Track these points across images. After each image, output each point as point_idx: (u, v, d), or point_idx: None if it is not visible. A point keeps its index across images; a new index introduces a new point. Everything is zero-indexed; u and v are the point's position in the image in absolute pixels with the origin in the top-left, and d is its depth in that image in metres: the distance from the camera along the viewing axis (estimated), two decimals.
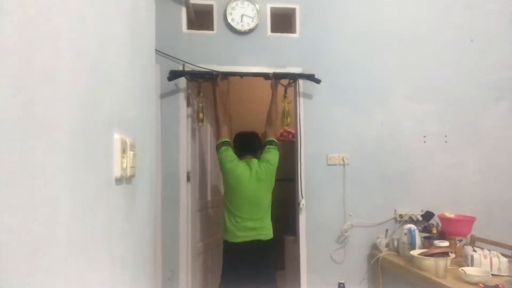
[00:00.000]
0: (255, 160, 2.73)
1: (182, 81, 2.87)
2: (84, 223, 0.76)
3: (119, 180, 1.00)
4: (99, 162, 0.86)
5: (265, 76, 2.92)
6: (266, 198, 2.71)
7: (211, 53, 2.92)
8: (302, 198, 2.94)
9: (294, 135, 3.12)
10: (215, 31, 2.95)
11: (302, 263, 2.95)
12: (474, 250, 2.32)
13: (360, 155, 3.04)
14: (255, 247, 2.62)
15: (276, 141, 2.84)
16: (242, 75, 2.94)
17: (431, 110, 3.14)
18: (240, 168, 2.66)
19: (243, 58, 2.95)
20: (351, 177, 3.02)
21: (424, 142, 3.12)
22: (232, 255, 2.67)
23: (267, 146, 2.78)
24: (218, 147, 2.75)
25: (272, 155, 2.74)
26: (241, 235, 2.62)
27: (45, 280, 0.60)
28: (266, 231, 2.68)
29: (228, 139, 2.78)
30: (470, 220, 2.76)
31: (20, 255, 0.53)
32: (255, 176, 2.66)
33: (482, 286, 1.98)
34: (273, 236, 2.72)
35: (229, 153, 2.70)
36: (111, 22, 0.97)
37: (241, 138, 2.89)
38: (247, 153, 2.80)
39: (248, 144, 2.84)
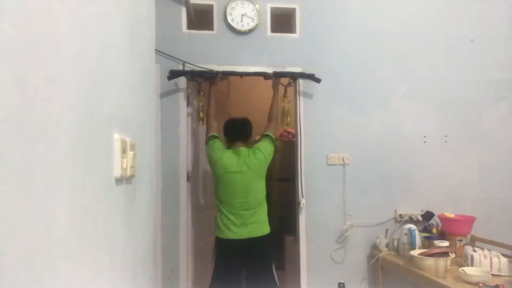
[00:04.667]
0: (244, 149, 2.64)
1: (182, 81, 2.87)
2: (84, 223, 0.76)
3: (119, 180, 1.00)
4: (99, 162, 0.86)
5: (265, 76, 2.92)
6: (257, 188, 2.57)
7: (211, 53, 2.92)
8: (302, 198, 2.94)
9: (294, 135, 3.12)
10: (215, 31, 2.95)
11: (302, 263, 2.95)
12: (474, 250, 2.32)
13: (360, 155, 3.04)
14: (249, 245, 2.48)
15: (273, 136, 2.73)
16: (242, 75, 2.95)
17: (431, 110, 3.14)
18: (227, 156, 2.57)
19: (243, 58, 2.95)
20: (351, 177, 3.02)
21: (424, 142, 3.12)
22: (222, 252, 2.53)
23: (262, 138, 2.70)
24: (206, 141, 2.69)
25: (264, 145, 2.64)
26: (232, 232, 2.49)
27: (45, 280, 0.60)
28: (260, 226, 2.54)
29: (216, 134, 2.71)
30: (470, 220, 2.76)
31: (20, 255, 0.53)
32: (244, 164, 2.55)
33: (482, 286, 1.98)
34: (273, 235, 2.64)
35: (216, 144, 2.62)
36: (111, 22, 0.97)
37: (231, 124, 2.78)
38: (237, 140, 2.70)
39: (237, 130, 2.73)
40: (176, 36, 2.89)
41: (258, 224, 2.54)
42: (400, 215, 3.03)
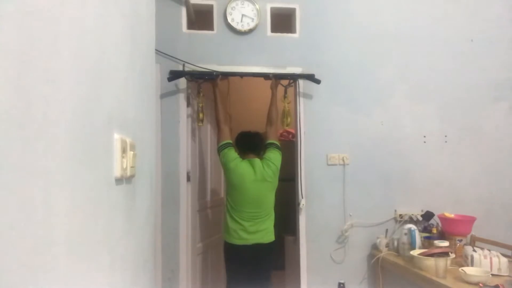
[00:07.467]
0: (257, 160, 2.72)
1: (182, 81, 2.87)
2: (84, 223, 0.76)
3: (119, 180, 1.00)
4: (99, 162, 0.86)
5: (265, 76, 2.92)
6: (269, 199, 2.71)
7: (211, 53, 2.92)
8: (302, 198, 2.94)
9: (294, 135, 3.12)
10: (215, 31, 2.95)
11: (302, 263, 2.95)
12: (474, 250, 2.32)
13: (360, 155, 3.04)
14: (256, 250, 2.63)
15: (278, 143, 2.83)
16: (242, 75, 2.95)
17: (431, 110, 3.14)
18: (243, 167, 2.66)
19: (243, 58, 2.95)
20: (351, 177, 3.02)
21: (424, 142, 3.12)
22: (233, 257, 2.70)
23: (269, 148, 2.78)
24: (220, 149, 2.73)
25: (275, 156, 2.74)
26: (242, 238, 2.63)
27: (45, 280, 0.60)
28: (267, 234, 2.68)
29: (230, 141, 2.77)
30: (470, 220, 2.76)
31: (20, 255, 0.53)
32: (260, 176, 2.65)
33: (482, 286, 1.98)
34: (274, 237, 2.72)
35: (232, 153, 2.70)
36: (111, 22, 0.97)
37: (244, 138, 2.87)
38: (249, 153, 2.79)
39: (251, 144, 2.83)
40: (176, 36, 2.89)
41: (266, 232, 2.68)
42: (400, 215, 3.03)
